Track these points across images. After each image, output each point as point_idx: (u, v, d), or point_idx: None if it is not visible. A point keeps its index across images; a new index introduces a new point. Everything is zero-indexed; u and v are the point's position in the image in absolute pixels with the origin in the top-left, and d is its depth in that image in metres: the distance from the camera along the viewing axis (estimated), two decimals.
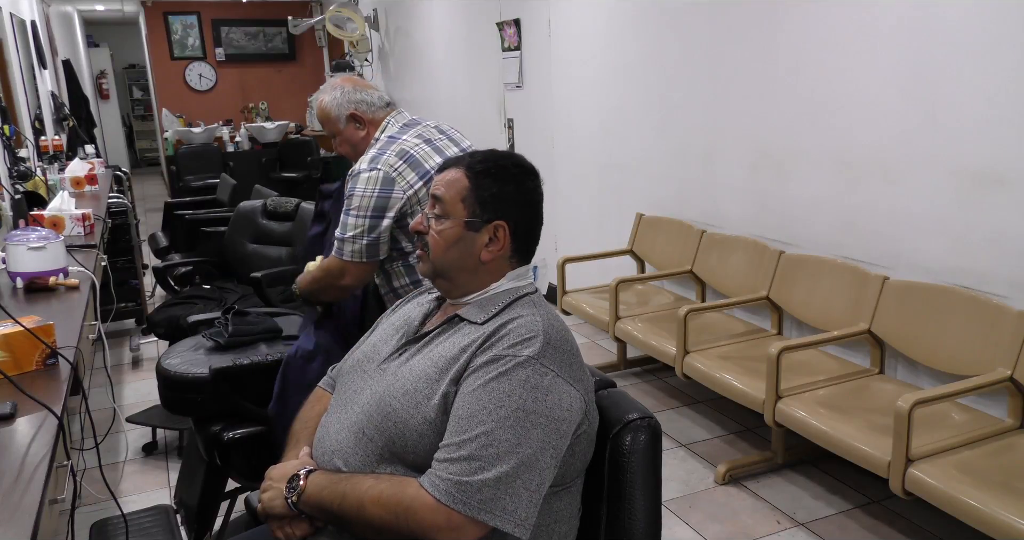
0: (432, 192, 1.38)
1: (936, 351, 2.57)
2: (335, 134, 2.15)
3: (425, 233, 1.37)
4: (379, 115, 2.14)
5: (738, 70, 3.39)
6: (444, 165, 1.41)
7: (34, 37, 6.16)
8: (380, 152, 2.03)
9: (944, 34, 2.51)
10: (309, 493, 1.27)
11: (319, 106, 2.15)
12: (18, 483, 1.24)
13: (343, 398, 1.40)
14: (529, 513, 1.16)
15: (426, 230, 1.37)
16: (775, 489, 2.74)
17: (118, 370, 4.11)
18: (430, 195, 1.38)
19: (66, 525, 1.56)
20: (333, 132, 2.15)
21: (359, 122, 2.13)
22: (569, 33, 4.59)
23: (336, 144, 2.17)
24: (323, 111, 2.14)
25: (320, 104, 2.14)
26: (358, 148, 2.13)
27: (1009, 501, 1.97)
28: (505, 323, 1.26)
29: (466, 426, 1.17)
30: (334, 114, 2.12)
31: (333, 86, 2.14)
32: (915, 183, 2.67)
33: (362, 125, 2.13)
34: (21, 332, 1.65)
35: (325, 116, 2.14)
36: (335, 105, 2.12)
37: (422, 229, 1.38)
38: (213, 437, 2.12)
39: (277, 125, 9.10)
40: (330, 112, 2.13)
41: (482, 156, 1.39)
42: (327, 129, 2.16)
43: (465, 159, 1.38)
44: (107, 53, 13.02)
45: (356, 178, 1.99)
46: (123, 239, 4.47)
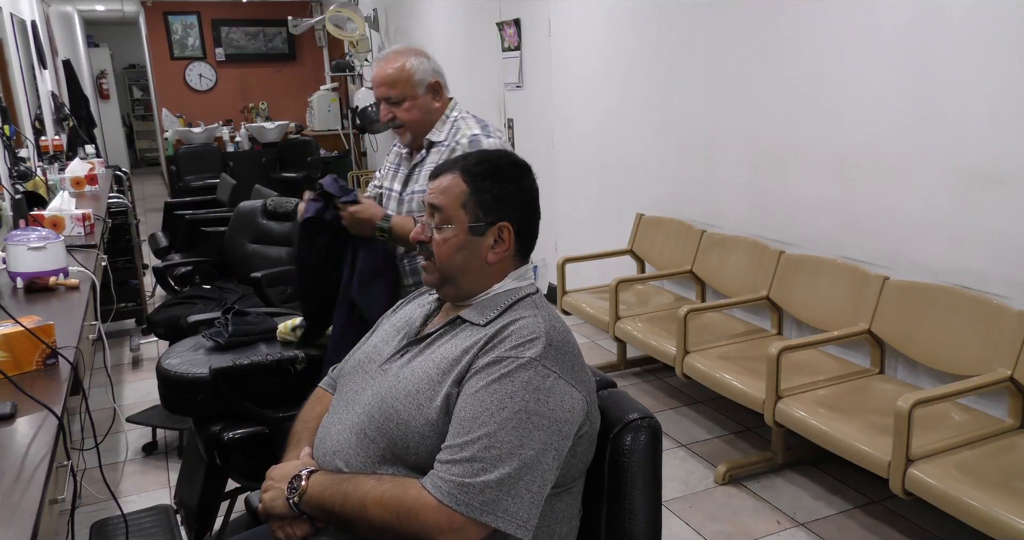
0: (428, 201, 1.36)
1: (936, 351, 2.57)
2: (406, 98, 2.04)
3: (428, 242, 1.36)
4: (447, 97, 2.12)
5: (738, 70, 3.39)
6: (437, 171, 1.39)
7: (34, 37, 6.16)
8: (482, 123, 2.06)
9: (944, 34, 2.51)
10: (311, 494, 1.27)
11: (400, 66, 2.02)
12: (18, 483, 1.24)
13: (344, 399, 1.40)
14: (531, 514, 1.16)
15: (428, 239, 1.36)
16: (775, 489, 2.74)
17: (118, 370, 4.11)
18: (427, 205, 1.37)
19: (66, 525, 1.56)
20: (405, 96, 2.03)
21: (437, 94, 2.08)
22: (569, 33, 4.59)
23: (402, 109, 2.05)
24: (405, 72, 2.02)
25: (403, 64, 2.03)
26: (427, 119, 2.08)
27: (1009, 501, 1.97)
28: (507, 325, 1.26)
29: (468, 428, 1.17)
30: (417, 78, 2.03)
31: (416, 52, 2.06)
32: (915, 183, 2.67)
33: (438, 98, 2.08)
34: (21, 332, 1.65)
35: (406, 78, 2.02)
36: (421, 70, 2.04)
37: (424, 239, 1.36)
38: (213, 437, 2.12)
39: (277, 125, 9.10)
40: (414, 75, 2.03)
41: (476, 158, 1.38)
42: (396, 91, 2.03)
43: (459, 163, 1.37)
44: (107, 53, 13.02)
45: (477, 142, 2.01)
46: (123, 239, 4.47)
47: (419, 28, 7.14)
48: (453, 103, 2.13)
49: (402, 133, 2.10)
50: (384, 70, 2.03)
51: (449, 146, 2.05)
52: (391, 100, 2.04)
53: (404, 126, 2.07)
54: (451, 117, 2.10)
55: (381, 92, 2.05)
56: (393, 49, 2.08)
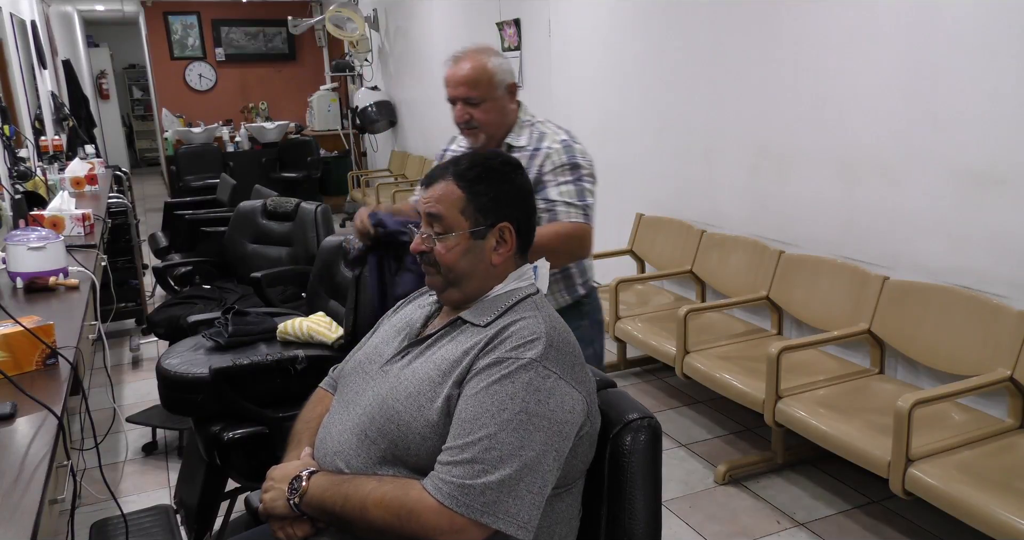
0: (425, 211, 1.35)
1: (936, 351, 2.57)
2: (485, 99, 1.95)
3: (429, 252, 1.35)
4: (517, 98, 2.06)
5: (738, 70, 3.39)
6: (429, 179, 1.37)
7: (34, 37, 6.16)
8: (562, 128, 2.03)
9: (944, 34, 2.51)
10: (311, 494, 1.27)
11: (480, 65, 1.94)
12: (18, 483, 1.24)
13: (345, 400, 1.39)
14: (532, 515, 1.16)
15: (429, 250, 1.35)
16: (775, 489, 2.74)
17: (118, 370, 4.11)
18: (423, 214, 1.36)
19: (66, 525, 1.56)
20: (484, 97, 1.95)
21: (512, 95, 2.01)
22: (569, 33, 4.59)
23: (480, 110, 1.96)
24: (486, 72, 1.94)
25: (483, 63, 1.95)
26: (504, 121, 2.01)
27: (1009, 501, 1.97)
28: (507, 326, 1.26)
29: (469, 429, 1.17)
30: (497, 78, 1.96)
31: (495, 51, 1.99)
32: (915, 183, 2.67)
33: (513, 100, 2.02)
34: (21, 332, 1.65)
35: (486, 78, 1.94)
36: (501, 70, 1.97)
37: (425, 250, 1.36)
38: (213, 437, 2.12)
39: (277, 125, 9.09)
40: (494, 75, 1.95)
41: (467, 162, 1.37)
42: (477, 91, 1.94)
43: (450, 168, 1.36)
44: (107, 53, 13.02)
45: (570, 148, 1.97)
46: (123, 239, 4.47)
47: (419, 28, 7.14)
48: (523, 106, 2.06)
49: (475, 135, 2.00)
50: (463, 69, 1.95)
51: (542, 152, 1.98)
52: (470, 101, 1.95)
53: (479, 128, 1.98)
54: (526, 120, 2.03)
55: (460, 92, 1.95)
56: (471, 48, 1.99)
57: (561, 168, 1.94)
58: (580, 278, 2.09)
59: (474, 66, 1.94)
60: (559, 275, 2.04)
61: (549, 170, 1.95)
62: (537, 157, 1.97)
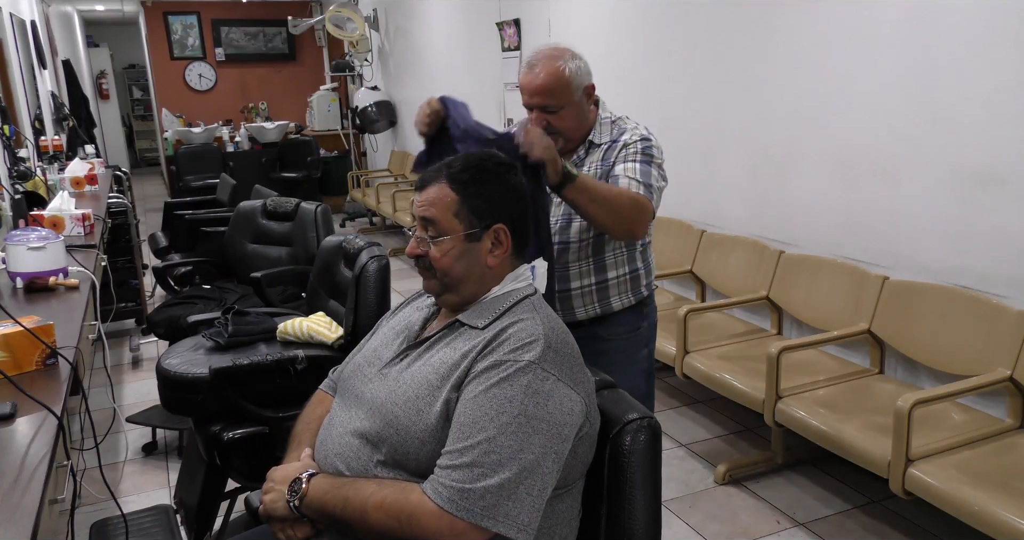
0: (419, 215, 1.35)
1: (936, 351, 2.57)
2: (564, 105, 1.88)
3: (424, 256, 1.35)
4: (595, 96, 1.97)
5: (738, 70, 3.39)
6: (422, 183, 1.37)
7: (34, 37, 6.16)
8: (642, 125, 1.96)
9: (944, 34, 2.51)
10: (311, 496, 1.27)
11: (558, 71, 1.86)
12: (18, 483, 1.24)
13: (345, 402, 1.39)
14: (532, 518, 1.16)
15: (424, 254, 1.35)
16: (775, 489, 2.74)
17: (118, 370, 4.11)
18: (418, 218, 1.36)
19: (66, 525, 1.56)
20: (563, 103, 1.88)
21: (590, 97, 1.94)
22: (569, 33, 4.59)
23: (557, 117, 1.89)
24: (563, 78, 1.86)
25: (559, 70, 1.86)
26: (583, 124, 1.94)
27: (1009, 501, 1.97)
28: (505, 328, 1.26)
29: (468, 432, 1.17)
30: (576, 83, 1.88)
31: (572, 54, 1.89)
32: (915, 183, 2.67)
33: (590, 101, 1.94)
34: (21, 332, 1.65)
35: (564, 84, 1.86)
36: (579, 74, 1.88)
37: (420, 253, 1.35)
38: (213, 437, 2.12)
39: (277, 125, 9.09)
40: (572, 80, 1.87)
41: (461, 164, 1.36)
42: (554, 100, 1.87)
43: (443, 171, 1.35)
44: (107, 53, 13.02)
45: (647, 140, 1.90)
46: (123, 239, 4.47)
47: (419, 28, 7.14)
48: (602, 103, 1.99)
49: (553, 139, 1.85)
50: (539, 78, 1.86)
51: (619, 143, 1.91)
52: (547, 109, 1.88)
53: (558, 134, 1.90)
54: (605, 118, 1.96)
55: (536, 101, 1.88)
56: (545, 52, 1.90)
57: (633, 152, 1.88)
58: (645, 279, 2.05)
59: (550, 73, 1.86)
60: (628, 276, 1.99)
61: (621, 155, 1.89)
62: (614, 148, 1.91)
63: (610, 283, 1.97)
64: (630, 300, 2.02)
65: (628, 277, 2.00)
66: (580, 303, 1.98)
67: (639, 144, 1.90)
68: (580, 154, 1.96)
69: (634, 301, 2.02)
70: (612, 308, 1.99)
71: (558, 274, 1.94)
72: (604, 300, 1.98)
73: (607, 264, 1.96)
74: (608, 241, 1.93)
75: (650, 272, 2.07)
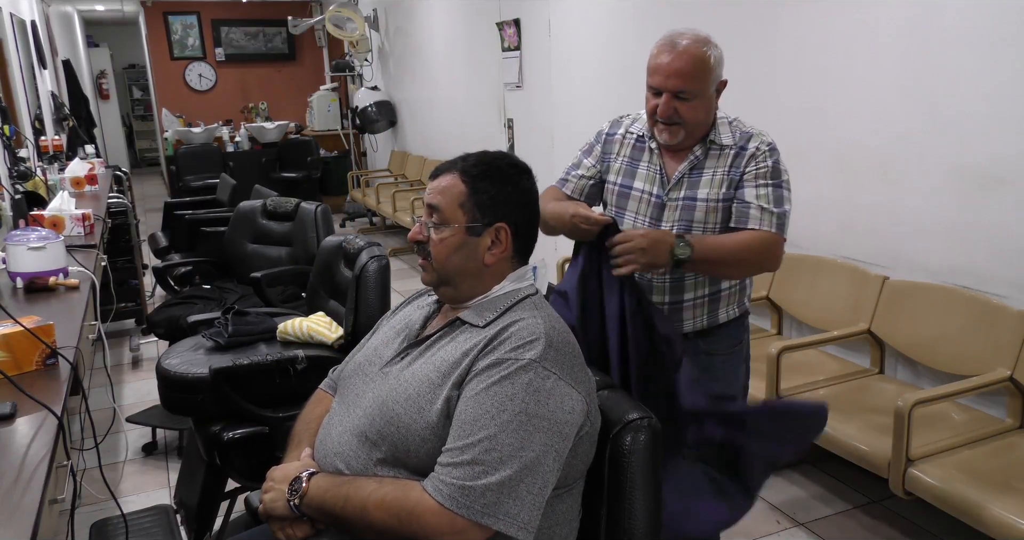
0: (427, 201, 1.36)
1: (936, 351, 2.57)
2: (696, 95, 1.73)
3: (425, 242, 1.36)
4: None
5: (738, 70, 3.37)
6: (437, 172, 1.38)
7: (34, 37, 6.16)
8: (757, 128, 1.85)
9: (944, 34, 2.51)
10: (311, 495, 1.27)
11: (703, 56, 1.71)
12: (18, 483, 1.24)
13: (345, 401, 1.40)
14: (532, 516, 1.16)
15: (425, 239, 1.35)
16: (775, 489, 2.74)
17: (118, 370, 4.11)
18: (425, 204, 1.36)
19: (66, 525, 1.55)
20: (695, 92, 1.72)
21: (719, 93, 1.80)
22: (569, 33, 4.59)
23: (688, 106, 1.73)
24: (708, 66, 1.72)
25: (705, 56, 1.72)
26: (709, 119, 1.80)
27: (1009, 501, 1.97)
28: (507, 326, 1.26)
29: (469, 430, 1.17)
30: (716, 73, 1.75)
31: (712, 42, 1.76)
32: (915, 183, 2.67)
33: (717, 97, 1.80)
34: (21, 332, 1.65)
35: (706, 71, 1.72)
36: (720, 64, 1.75)
37: (421, 239, 1.36)
38: (213, 437, 2.12)
39: (277, 125, 9.10)
40: (713, 71, 1.74)
41: (475, 159, 1.37)
42: (694, 85, 1.71)
43: (458, 163, 1.36)
44: (107, 53, 13.02)
45: (775, 151, 1.78)
46: (123, 239, 4.47)
47: (419, 28, 7.14)
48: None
49: (674, 132, 1.78)
50: (683, 59, 1.70)
51: (748, 151, 1.78)
52: (681, 95, 1.72)
53: (681, 124, 1.76)
54: (723, 118, 1.83)
55: (672, 84, 1.71)
56: (689, 33, 1.75)
57: (764, 170, 1.75)
58: (749, 289, 1.97)
59: (696, 56, 1.70)
60: (736, 288, 1.89)
61: (751, 171, 1.76)
62: (743, 156, 1.78)
63: (722, 294, 1.87)
64: (735, 312, 1.92)
65: (738, 288, 1.90)
66: (691, 314, 1.88)
67: (769, 159, 1.76)
68: (698, 155, 1.81)
69: (738, 313, 1.93)
70: (718, 320, 1.89)
71: (669, 285, 1.85)
72: (713, 312, 1.88)
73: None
74: None
75: (751, 283, 1.97)
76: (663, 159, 1.85)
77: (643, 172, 1.88)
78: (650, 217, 1.85)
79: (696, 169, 1.81)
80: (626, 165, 1.92)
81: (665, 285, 1.86)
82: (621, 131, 1.97)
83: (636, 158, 1.90)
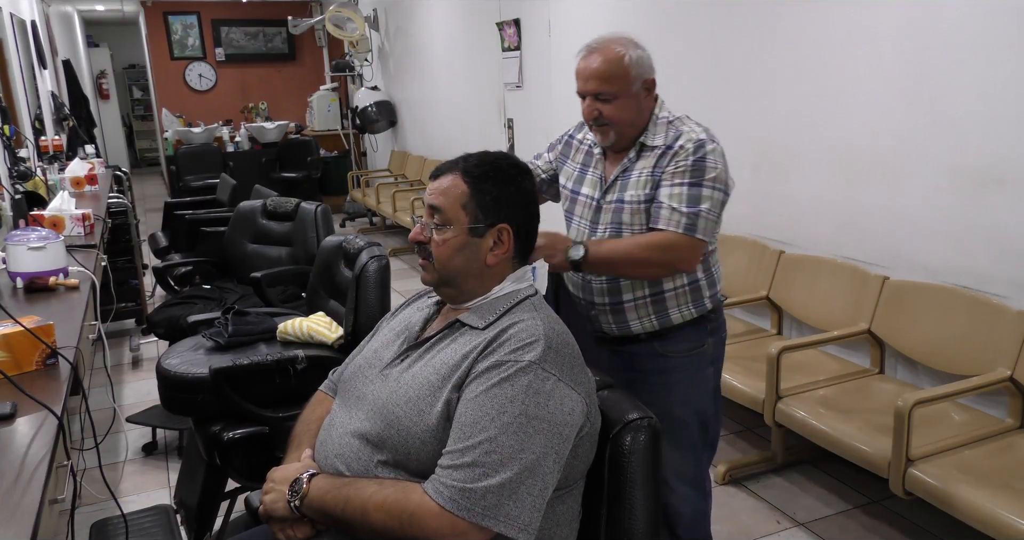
0: (428, 202, 1.36)
1: (936, 351, 2.57)
2: (619, 94, 1.78)
3: (426, 243, 1.36)
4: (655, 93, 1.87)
5: (738, 70, 3.39)
6: (437, 172, 1.38)
7: (34, 37, 6.16)
8: (701, 126, 1.83)
9: (944, 34, 2.51)
10: (312, 497, 1.27)
11: (616, 57, 1.77)
12: (18, 483, 1.24)
13: (346, 403, 1.39)
14: (533, 518, 1.16)
15: (427, 240, 1.35)
16: (775, 489, 2.74)
17: (118, 370, 4.11)
18: (426, 205, 1.36)
19: (66, 525, 1.55)
20: (619, 91, 1.78)
21: (649, 92, 1.83)
22: (569, 33, 4.59)
23: (611, 107, 1.79)
24: (623, 66, 1.77)
25: (619, 56, 1.77)
26: (638, 119, 1.82)
27: (1009, 501, 1.97)
28: (506, 328, 1.26)
29: (469, 432, 1.17)
30: (634, 73, 1.78)
31: (635, 43, 1.80)
32: (915, 183, 2.67)
33: (649, 96, 1.83)
34: (21, 332, 1.65)
35: (622, 71, 1.77)
36: (640, 64, 1.79)
37: (422, 239, 1.36)
38: (213, 437, 2.12)
39: (277, 125, 9.09)
40: (631, 69, 1.77)
41: (477, 159, 1.37)
42: (611, 86, 1.78)
43: (460, 164, 1.36)
44: (107, 53, 13.02)
45: (701, 147, 1.75)
46: (123, 239, 4.47)
47: (419, 28, 7.14)
48: (660, 101, 1.88)
49: (605, 133, 1.84)
50: (595, 61, 1.78)
51: (672, 149, 1.79)
52: (601, 96, 1.79)
53: (609, 125, 1.82)
54: (663, 117, 1.84)
55: (591, 86, 1.79)
56: (607, 38, 1.81)
57: (683, 169, 1.75)
58: (709, 290, 1.90)
59: (608, 58, 1.77)
60: (687, 287, 1.86)
61: (670, 169, 1.77)
62: (667, 155, 1.79)
63: (667, 295, 1.85)
64: (691, 313, 1.88)
65: (687, 288, 1.87)
66: (635, 315, 1.88)
67: (692, 156, 1.76)
68: (631, 157, 1.84)
69: (696, 314, 1.89)
70: (671, 321, 1.87)
71: (606, 286, 1.88)
72: (662, 313, 1.86)
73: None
74: None
75: (714, 283, 1.92)
76: (605, 163, 1.92)
77: (589, 178, 1.94)
78: (589, 221, 1.92)
79: (627, 171, 1.85)
80: (577, 172, 1.98)
81: (604, 286, 1.89)
82: (579, 136, 2.03)
83: (586, 164, 1.97)
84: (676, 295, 1.87)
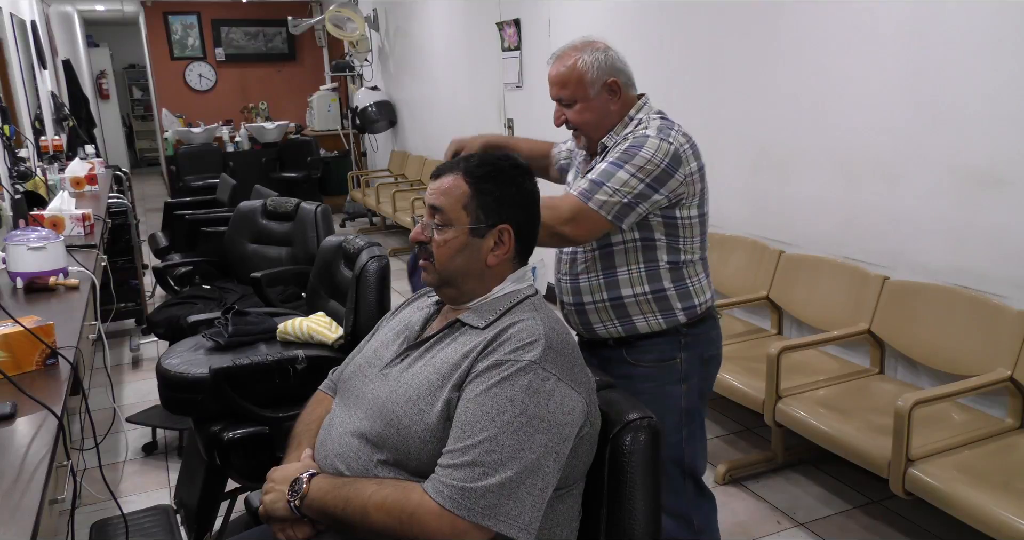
0: (429, 202, 1.36)
1: (936, 351, 2.57)
2: (577, 100, 1.80)
3: (427, 243, 1.36)
4: (631, 94, 1.85)
5: (738, 70, 3.39)
6: (438, 172, 1.38)
7: (34, 37, 6.17)
8: (667, 125, 1.80)
9: (944, 34, 2.51)
10: (312, 497, 1.27)
11: (573, 64, 1.78)
12: (18, 483, 1.24)
13: (346, 403, 1.39)
14: (533, 518, 1.16)
15: (428, 240, 1.35)
16: (775, 489, 2.74)
17: (118, 370, 4.11)
18: (427, 205, 1.36)
19: (66, 525, 1.55)
20: (576, 97, 1.80)
21: (614, 93, 1.81)
22: (569, 33, 4.57)
23: (573, 111, 1.81)
24: (576, 72, 1.78)
25: (576, 62, 1.78)
26: (604, 122, 1.82)
27: (1009, 501, 1.97)
28: (506, 328, 1.26)
29: (469, 432, 1.17)
30: (590, 77, 1.78)
31: (595, 47, 1.80)
32: (915, 183, 2.67)
33: (616, 98, 1.81)
34: (21, 332, 1.65)
35: (577, 77, 1.78)
36: (596, 68, 1.78)
37: (423, 239, 1.36)
38: (213, 437, 2.12)
39: (277, 125, 9.09)
40: (586, 74, 1.78)
41: (478, 160, 1.37)
42: (567, 92, 1.80)
43: (461, 164, 1.36)
44: (107, 53, 13.03)
45: (644, 140, 1.74)
46: (123, 239, 4.47)
47: (419, 28, 7.14)
48: (641, 102, 1.85)
49: (578, 137, 1.89)
50: (556, 68, 1.81)
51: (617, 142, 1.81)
52: (562, 101, 1.82)
53: (577, 130, 1.85)
54: (634, 119, 1.83)
55: (553, 92, 1.83)
56: (570, 44, 1.83)
57: (616, 151, 1.76)
58: (680, 302, 1.84)
59: (564, 64, 1.80)
60: (651, 296, 1.82)
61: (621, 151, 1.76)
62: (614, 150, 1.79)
63: (626, 301, 1.83)
64: (659, 324, 1.83)
65: (650, 297, 1.82)
66: (598, 319, 1.87)
67: (628, 142, 1.76)
68: (597, 159, 1.83)
69: (665, 326, 1.84)
70: (637, 330, 1.84)
71: (570, 285, 1.89)
72: (625, 319, 1.84)
73: (620, 280, 1.82)
74: (618, 254, 1.81)
75: (688, 295, 1.84)
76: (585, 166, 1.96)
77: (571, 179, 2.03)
78: None
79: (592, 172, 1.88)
80: (571, 172, 2.06)
81: (567, 286, 1.91)
82: (568, 144, 2.10)
83: (576, 166, 2.04)
84: (638, 302, 1.83)
